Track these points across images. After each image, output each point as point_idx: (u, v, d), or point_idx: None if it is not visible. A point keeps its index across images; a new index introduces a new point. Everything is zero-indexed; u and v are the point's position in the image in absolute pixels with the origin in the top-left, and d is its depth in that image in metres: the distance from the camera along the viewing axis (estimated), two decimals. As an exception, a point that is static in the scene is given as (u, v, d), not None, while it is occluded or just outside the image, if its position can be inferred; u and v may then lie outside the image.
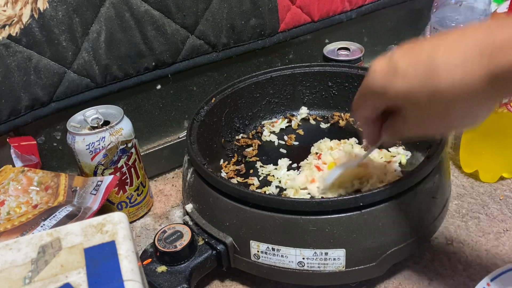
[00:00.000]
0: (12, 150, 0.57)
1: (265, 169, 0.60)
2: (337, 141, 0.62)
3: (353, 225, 0.44)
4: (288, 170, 0.60)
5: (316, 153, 0.61)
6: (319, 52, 0.77)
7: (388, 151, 0.61)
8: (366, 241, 0.45)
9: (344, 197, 0.44)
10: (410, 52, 0.36)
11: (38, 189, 0.53)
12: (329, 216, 0.44)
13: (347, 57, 0.72)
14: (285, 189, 0.57)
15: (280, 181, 0.58)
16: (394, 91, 0.36)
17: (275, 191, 0.57)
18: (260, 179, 0.59)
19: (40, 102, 0.58)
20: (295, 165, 0.61)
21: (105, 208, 0.55)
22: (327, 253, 0.45)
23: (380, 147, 0.62)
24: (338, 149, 0.59)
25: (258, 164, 0.62)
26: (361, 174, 0.54)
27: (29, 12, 0.54)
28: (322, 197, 0.53)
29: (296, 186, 0.55)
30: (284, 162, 0.61)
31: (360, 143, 0.63)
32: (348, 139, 0.62)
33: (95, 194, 0.53)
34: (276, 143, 0.66)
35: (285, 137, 0.67)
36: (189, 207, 0.53)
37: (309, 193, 0.54)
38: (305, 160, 0.60)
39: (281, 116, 0.71)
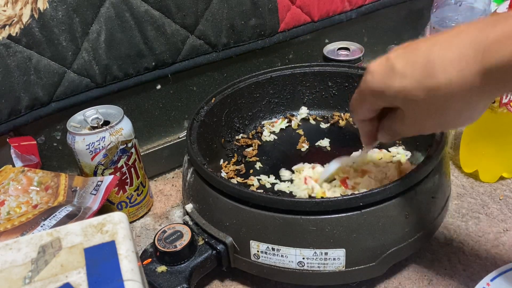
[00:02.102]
0: (12, 150, 0.57)
1: (266, 179, 0.60)
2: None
3: (353, 225, 0.44)
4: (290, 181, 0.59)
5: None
6: (319, 52, 0.77)
7: (388, 151, 0.61)
8: (366, 241, 0.45)
9: (344, 197, 0.44)
10: (407, 52, 0.37)
11: (38, 189, 0.53)
12: (329, 216, 0.44)
13: (347, 57, 0.72)
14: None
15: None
16: (392, 90, 0.37)
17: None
18: (260, 182, 0.59)
19: (40, 102, 0.58)
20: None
21: (105, 208, 0.55)
22: (327, 253, 0.45)
23: (380, 147, 0.62)
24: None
25: (258, 164, 0.62)
26: (358, 174, 0.54)
27: (29, 12, 0.54)
28: (322, 197, 0.53)
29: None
30: (286, 173, 0.60)
31: (360, 145, 0.63)
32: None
33: (95, 194, 0.53)
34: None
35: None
36: (189, 207, 0.53)
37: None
38: (300, 164, 0.60)
39: (281, 116, 0.71)
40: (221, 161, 0.63)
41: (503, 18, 0.33)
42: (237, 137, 0.67)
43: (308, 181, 0.56)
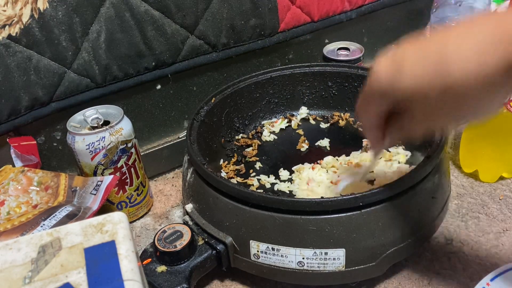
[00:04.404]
0: (12, 150, 0.57)
1: (266, 179, 0.60)
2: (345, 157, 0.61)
3: (353, 225, 0.44)
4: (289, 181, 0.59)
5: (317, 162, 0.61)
6: (319, 52, 0.77)
7: (388, 151, 0.61)
8: (366, 241, 0.45)
9: (344, 197, 0.44)
10: (416, 48, 0.35)
11: (38, 189, 0.53)
12: (329, 216, 0.44)
13: (347, 57, 0.72)
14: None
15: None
16: (402, 90, 0.35)
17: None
18: (260, 182, 0.59)
19: (40, 102, 0.58)
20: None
21: (105, 208, 0.55)
22: (327, 253, 0.45)
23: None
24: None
25: (258, 164, 0.62)
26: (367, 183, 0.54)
27: (29, 12, 0.54)
28: (322, 197, 0.53)
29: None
30: (284, 173, 0.60)
31: (360, 145, 0.63)
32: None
33: (95, 194, 0.53)
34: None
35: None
36: (189, 207, 0.53)
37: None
38: (299, 165, 0.60)
39: (281, 116, 0.71)
40: (221, 161, 0.63)
41: None
42: (237, 137, 0.67)
43: (310, 183, 0.56)
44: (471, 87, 0.32)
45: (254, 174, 0.61)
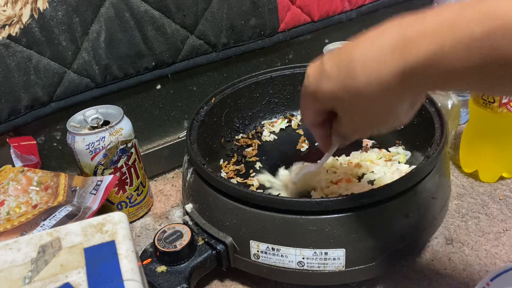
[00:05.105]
0: (12, 150, 0.57)
1: (265, 177, 0.60)
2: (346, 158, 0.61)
3: (353, 225, 0.44)
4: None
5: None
6: (319, 52, 0.77)
7: (388, 151, 0.61)
8: (366, 241, 0.45)
9: (344, 197, 0.44)
10: (336, 53, 0.36)
11: (38, 189, 0.53)
12: (329, 216, 0.44)
13: (347, 57, 0.72)
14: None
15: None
16: (321, 93, 0.36)
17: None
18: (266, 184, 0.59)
19: (40, 102, 0.58)
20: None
21: (105, 208, 0.55)
22: (326, 253, 0.45)
23: (379, 147, 0.62)
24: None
25: (258, 164, 0.62)
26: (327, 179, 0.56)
27: (29, 12, 0.54)
28: (322, 197, 0.53)
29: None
30: (284, 172, 0.60)
31: (360, 145, 0.63)
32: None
33: (95, 194, 0.53)
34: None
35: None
36: (189, 207, 0.53)
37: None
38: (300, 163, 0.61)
39: (281, 116, 0.71)
40: (221, 161, 0.63)
41: (421, 15, 0.31)
42: (237, 137, 0.67)
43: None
44: (375, 91, 0.33)
45: (254, 174, 0.61)
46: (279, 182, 0.57)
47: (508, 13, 0.26)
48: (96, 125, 0.55)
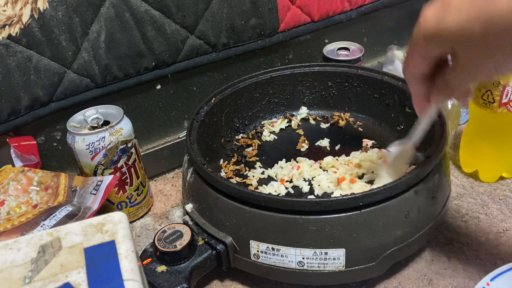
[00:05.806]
0: (12, 150, 0.57)
1: (269, 171, 0.60)
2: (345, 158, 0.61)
3: (353, 225, 0.44)
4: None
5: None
6: (319, 52, 0.77)
7: (388, 151, 0.61)
8: (366, 241, 0.45)
9: (344, 197, 0.44)
10: None
11: (38, 189, 0.53)
12: (329, 216, 0.44)
13: (347, 57, 0.72)
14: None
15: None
16: (445, 29, 0.34)
17: (307, 188, 0.57)
18: (261, 177, 0.59)
19: (40, 102, 0.58)
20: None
21: (105, 208, 0.55)
22: (326, 252, 0.45)
23: (379, 147, 0.62)
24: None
25: (258, 164, 0.62)
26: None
27: (29, 12, 0.54)
28: (322, 197, 0.53)
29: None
30: (285, 165, 0.61)
31: (360, 145, 0.63)
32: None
33: (95, 194, 0.53)
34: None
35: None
36: (189, 207, 0.53)
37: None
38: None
39: (281, 116, 0.71)
40: (221, 161, 0.63)
41: None
42: (237, 137, 0.67)
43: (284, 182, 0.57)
44: None
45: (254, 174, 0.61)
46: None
47: None
48: (96, 125, 0.55)
